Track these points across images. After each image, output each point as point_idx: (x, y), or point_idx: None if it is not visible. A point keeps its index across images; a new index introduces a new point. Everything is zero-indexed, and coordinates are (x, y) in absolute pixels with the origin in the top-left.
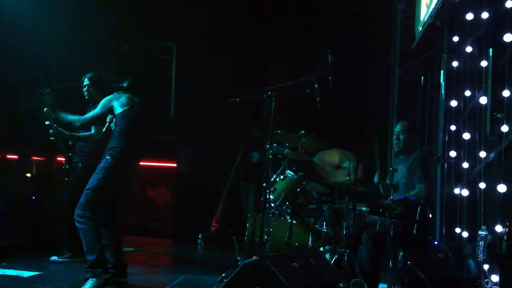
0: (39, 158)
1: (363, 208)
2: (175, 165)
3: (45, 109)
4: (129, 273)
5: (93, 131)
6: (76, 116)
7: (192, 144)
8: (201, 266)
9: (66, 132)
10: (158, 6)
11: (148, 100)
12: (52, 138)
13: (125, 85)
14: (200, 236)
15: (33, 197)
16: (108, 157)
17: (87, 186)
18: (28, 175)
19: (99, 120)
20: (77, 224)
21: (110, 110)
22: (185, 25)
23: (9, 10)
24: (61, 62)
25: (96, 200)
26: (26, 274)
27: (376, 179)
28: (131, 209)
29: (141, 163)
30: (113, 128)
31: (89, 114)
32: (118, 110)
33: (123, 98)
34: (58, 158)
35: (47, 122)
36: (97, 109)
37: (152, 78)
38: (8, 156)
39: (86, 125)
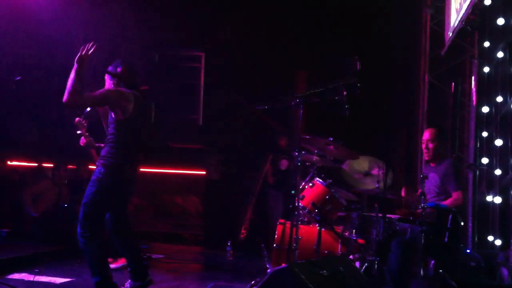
0: (72, 166)
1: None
2: (204, 172)
3: (76, 118)
4: (159, 280)
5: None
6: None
7: (221, 152)
8: (230, 273)
9: (95, 144)
10: (186, 15)
11: (178, 109)
12: (84, 147)
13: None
14: (229, 244)
15: (66, 205)
16: (101, 168)
17: (83, 201)
18: (66, 182)
19: (88, 105)
20: (80, 244)
21: (109, 105)
22: (213, 34)
23: (44, 21)
24: (92, 71)
25: (93, 214)
26: (58, 280)
27: (403, 193)
28: (161, 217)
29: (170, 171)
30: (108, 133)
31: (86, 94)
32: (118, 115)
33: (127, 100)
34: (90, 166)
35: (78, 132)
36: (97, 94)
37: (181, 86)
38: (44, 164)
39: (71, 105)
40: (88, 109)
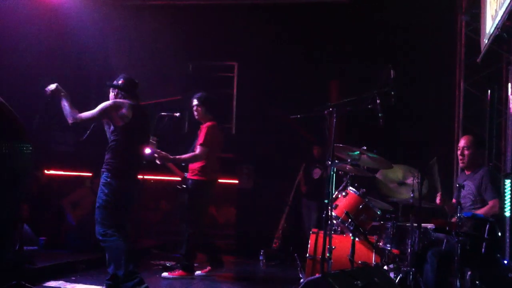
0: None
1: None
2: (236, 181)
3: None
4: None
5: (198, 151)
6: (74, 111)
7: (254, 161)
8: (263, 283)
9: (170, 156)
10: (220, 25)
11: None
12: (158, 162)
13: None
14: (261, 253)
15: None
16: (107, 173)
17: (97, 204)
18: None
19: (91, 123)
20: (100, 243)
21: (107, 118)
22: (246, 43)
23: (80, 34)
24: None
25: (108, 216)
26: None
27: (438, 201)
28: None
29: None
30: (110, 139)
31: (86, 114)
32: (117, 122)
33: (124, 108)
34: None
35: (148, 150)
36: (95, 112)
37: (214, 96)
38: (82, 174)
39: (77, 125)
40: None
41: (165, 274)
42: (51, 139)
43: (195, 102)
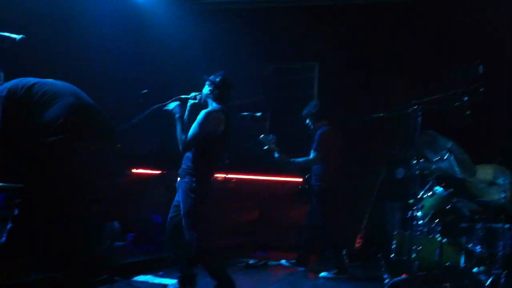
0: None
1: None
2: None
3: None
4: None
5: (312, 156)
6: (183, 135)
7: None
8: (346, 283)
9: (290, 159)
10: (299, 26)
11: (291, 119)
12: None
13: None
14: (343, 253)
15: None
16: (191, 177)
17: (183, 211)
18: None
19: (197, 141)
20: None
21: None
22: (326, 43)
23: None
24: None
25: (197, 221)
26: None
27: None
28: (275, 225)
29: (285, 179)
30: None
31: (191, 136)
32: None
33: (219, 119)
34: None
35: (266, 147)
36: (196, 130)
37: (295, 98)
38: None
39: (186, 150)
40: None
41: (324, 274)
42: (139, 139)
43: (305, 113)
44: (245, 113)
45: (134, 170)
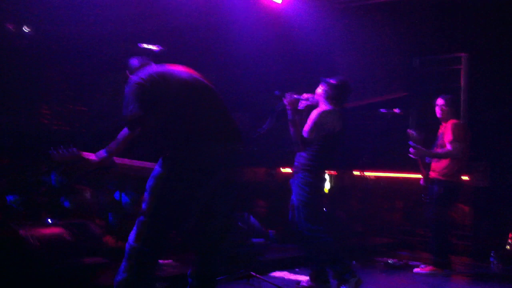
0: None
1: None
2: (467, 178)
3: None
4: None
5: (451, 147)
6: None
7: (489, 158)
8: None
9: (427, 150)
10: (447, 17)
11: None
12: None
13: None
14: (492, 254)
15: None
16: (306, 173)
17: (297, 203)
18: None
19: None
20: (306, 239)
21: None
22: (476, 33)
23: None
24: (351, 78)
25: (312, 213)
26: None
27: None
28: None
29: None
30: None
31: (305, 137)
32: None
33: (330, 120)
34: (354, 173)
35: (411, 143)
36: (308, 130)
37: (441, 91)
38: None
39: (302, 148)
40: None
41: (417, 270)
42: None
43: (441, 101)
44: (383, 110)
45: (284, 169)
